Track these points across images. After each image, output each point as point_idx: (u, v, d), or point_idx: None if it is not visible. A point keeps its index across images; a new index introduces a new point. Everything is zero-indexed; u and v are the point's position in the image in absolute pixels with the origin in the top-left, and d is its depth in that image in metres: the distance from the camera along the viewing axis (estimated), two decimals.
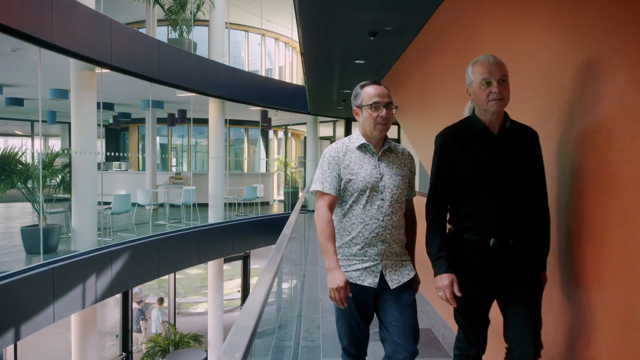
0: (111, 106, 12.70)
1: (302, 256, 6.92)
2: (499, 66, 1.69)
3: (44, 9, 5.53)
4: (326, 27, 4.88)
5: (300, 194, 13.73)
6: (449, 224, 1.85)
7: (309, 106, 12.19)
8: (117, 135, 17.46)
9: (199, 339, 10.37)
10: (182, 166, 17.78)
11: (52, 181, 7.18)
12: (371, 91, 1.86)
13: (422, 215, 1.96)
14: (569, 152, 1.78)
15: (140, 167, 16.56)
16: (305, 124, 14.61)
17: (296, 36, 6.71)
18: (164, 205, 11.36)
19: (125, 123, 15.77)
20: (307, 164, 14.46)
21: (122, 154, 16.46)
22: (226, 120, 11.21)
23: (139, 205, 9.87)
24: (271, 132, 18.14)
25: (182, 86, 9.12)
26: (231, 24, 14.06)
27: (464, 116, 1.86)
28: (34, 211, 6.82)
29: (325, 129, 15.79)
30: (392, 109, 1.87)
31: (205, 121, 11.26)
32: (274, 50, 17.05)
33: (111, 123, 14.85)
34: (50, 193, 7.26)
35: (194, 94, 9.97)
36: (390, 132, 1.98)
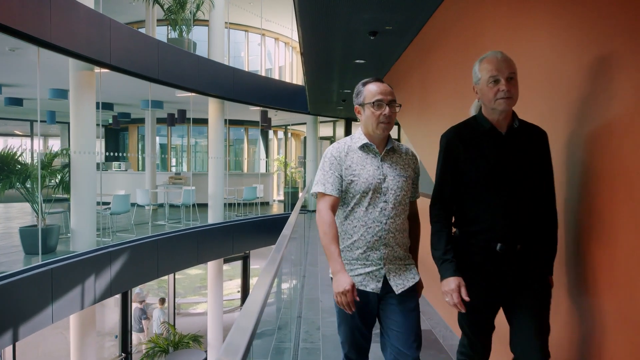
0: (111, 106, 12.69)
1: (302, 257, 6.90)
2: (508, 63, 1.63)
3: (42, 8, 5.51)
4: (326, 26, 4.86)
5: (300, 194, 13.71)
6: (453, 228, 1.79)
7: (309, 106, 12.18)
8: (117, 135, 17.45)
9: (198, 340, 10.35)
10: (182, 166, 17.77)
11: (51, 181, 7.16)
12: (374, 89, 1.79)
13: (424, 217, 1.92)
14: (577, 153, 1.73)
15: (140, 167, 16.55)
16: (305, 124, 14.59)
17: (296, 36, 6.70)
18: (163, 206, 11.35)
19: (125, 123, 15.76)
20: (307, 164, 14.44)
21: (122, 154, 16.44)
22: (226, 120, 11.20)
23: (138, 206, 9.85)
24: (271, 132, 18.13)
25: (181, 86, 9.11)
26: (231, 23, 14.04)
27: (469, 115, 1.80)
28: (33, 211, 6.80)
29: (325, 129, 15.77)
30: (395, 107, 1.80)
31: (205, 121, 11.25)
32: (273, 50, 17.03)
33: (111, 123, 14.84)
34: (49, 193, 7.24)
35: (193, 94, 9.96)
36: (391, 132, 1.91)
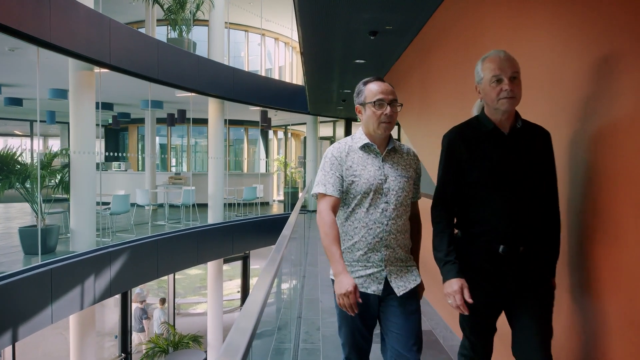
0: (110, 106, 12.67)
1: (302, 257, 6.89)
2: (511, 62, 1.60)
3: (42, 8, 5.50)
4: (326, 26, 4.85)
5: (300, 194, 13.70)
6: (455, 229, 1.77)
7: (309, 106, 12.17)
8: (117, 135, 17.44)
9: (198, 340, 10.34)
10: (182, 166, 17.76)
11: (51, 181, 7.15)
12: (375, 88, 1.77)
13: (425, 217, 1.90)
14: (581, 153, 1.71)
15: (140, 167, 16.54)
16: (305, 124, 14.59)
17: (296, 36, 6.69)
18: (163, 206, 11.33)
19: (125, 123, 15.75)
20: (307, 164, 14.43)
21: (122, 154, 16.43)
22: (226, 120, 11.19)
23: (138, 206, 9.84)
24: (271, 132, 18.12)
25: (181, 86, 9.09)
26: (231, 23, 14.03)
27: (471, 115, 1.78)
28: (33, 212, 6.79)
29: (325, 129, 15.76)
30: (396, 106, 1.78)
31: (204, 121, 11.24)
32: (273, 50, 17.02)
33: (110, 123, 14.82)
34: (48, 193, 7.23)
35: (193, 94, 9.94)
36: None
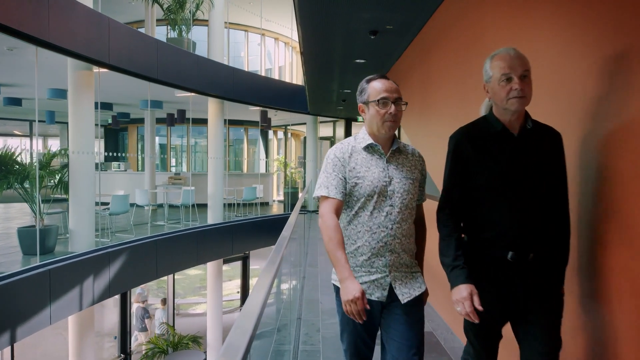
0: (110, 106, 12.65)
1: (302, 257, 6.87)
2: (521, 60, 1.54)
3: (40, 7, 5.47)
4: (326, 26, 4.83)
5: (300, 194, 13.67)
6: (462, 234, 1.71)
7: (309, 106, 12.15)
8: (116, 135, 17.41)
9: (197, 341, 10.31)
10: (182, 166, 17.73)
11: (50, 182, 7.12)
12: (378, 86, 1.71)
13: (429, 220, 1.86)
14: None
15: (140, 168, 16.51)
16: (305, 124, 14.57)
17: (296, 36, 6.67)
18: (162, 206, 11.31)
19: (124, 123, 15.73)
20: (307, 164, 14.41)
21: (121, 154, 16.40)
22: (225, 120, 11.16)
23: (137, 206, 9.81)
24: (271, 132, 18.11)
25: (181, 86, 9.07)
26: (230, 23, 14.02)
27: (477, 115, 1.72)
28: (32, 212, 6.77)
29: (325, 129, 15.74)
30: (401, 105, 1.71)
31: (204, 121, 11.22)
32: (273, 50, 17.00)
33: (110, 123, 14.80)
34: (47, 193, 7.20)
35: (193, 94, 9.92)
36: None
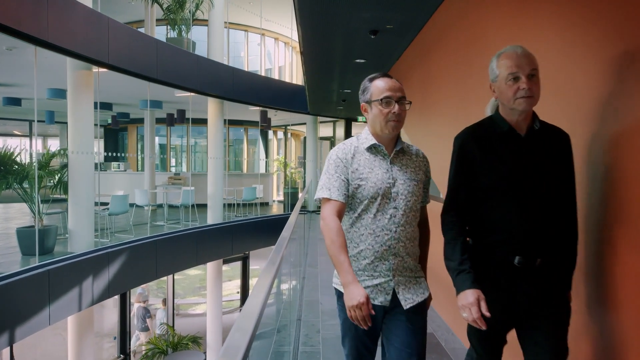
0: (110, 106, 12.63)
1: (302, 258, 6.85)
2: (529, 59, 1.50)
3: (40, 7, 5.46)
4: (326, 25, 4.81)
5: (300, 194, 13.66)
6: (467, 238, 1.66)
7: (309, 106, 12.13)
8: (116, 135, 17.39)
9: (197, 341, 10.29)
10: (181, 166, 17.71)
11: (50, 182, 7.10)
12: (381, 85, 1.67)
13: (432, 222, 1.82)
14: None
15: (139, 168, 16.49)
16: (305, 124, 14.55)
17: (296, 36, 6.66)
18: (162, 206, 11.29)
19: (124, 123, 15.71)
20: (306, 164, 14.39)
21: (121, 154, 16.38)
22: (225, 120, 11.15)
23: (137, 206, 9.80)
24: (271, 133, 18.09)
25: (180, 86, 9.05)
26: (230, 23, 14.00)
27: (482, 115, 1.69)
28: (31, 212, 6.75)
29: (325, 129, 15.73)
30: (405, 104, 1.68)
31: (204, 121, 11.20)
32: (273, 50, 16.99)
33: (110, 123, 14.78)
34: (47, 194, 7.19)
35: (192, 94, 9.90)
36: None
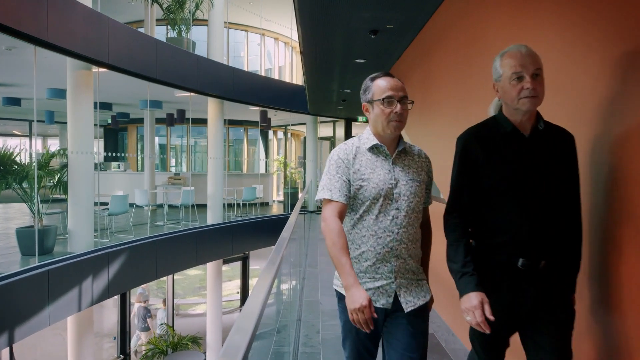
0: (109, 106, 12.62)
1: (302, 258, 6.84)
2: (533, 58, 1.48)
3: (39, 6, 5.45)
4: (326, 25, 4.80)
5: (300, 194, 13.65)
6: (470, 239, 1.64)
7: (309, 106, 12.12)
8: (116, 135, 17.38)
9: (197, 341, 10.28)
10: (181, 166, 17.70)
11: (50, 182, 7.09)
12: (383, 84, 1.66)
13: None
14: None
15: (139, 168, 16.47)
16: (305, 124, 14.54)
17: (296, 36, 6.65)
18: (162, 206, 11.28)
19: (124, 123, 15.70)
20: (306, 164, 14.38)
21: (121, 154, 16.37)
22: (225, 120, 11.14)
23: (137, 206, 9.78)
24: (271, 133, 18.08)
25: (180, 86, 9.04)
26: (230, 23, 13.98)
27: (483, 116, 1.67)
28: (31, 212, 6.74)
29: (325, 129, 15.72)
30: (407, 104, 1.66)
31: (204, 121, 11.19)
32: (273, 50, 16.98)
33: (110, 123, 14.77)
34: (46, 194, 7.17)
35: (192, 94, 9.89)
36: None
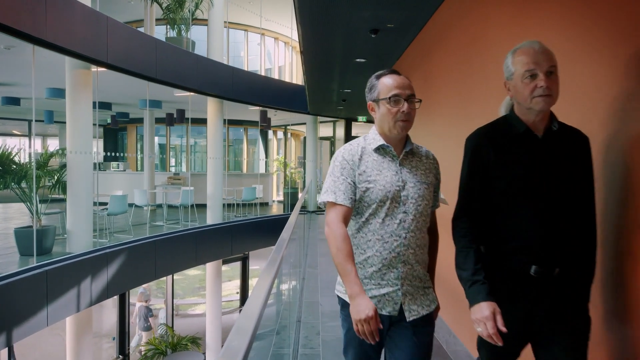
0: (109, 106, 12.60)
1: (302, 258, 6.81)
2: (547, 55, 1.40)
3: (38, 5, 5.42)
4: (326, 24, 4.78)
5: (300, 194, 13.63)
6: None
7: (309, 106, 12.10)
8: (115, 135, 17.36)
9: (196, 342, 10.25)
10: (181, 166, 17.67)
11: (49, 181, 7.06)
12: (389, 82, 1.58)
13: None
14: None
15: (139, 168, 16.45)
16: (304, 124, 14.52)
17: (296, 35, 6.63)
18: (161, 206, 11.26)
19: (124, 123, 15.67)
20: (306, 164, 14.35)
21: (120, 154, 16.34)
22: (225, 120, 11.11)
23: (136, 206, 9.76)
24: (270, 132, 18.06)
25: (180, 85, 9.01)
26: (230, 23, 13.95)
27: (499, 115, 1.58)
28: (30, 212, 6.71)
29: (325, 129, 15.70)
30: (415, 102, 1.59)
31: (204, 121, 11.16)
32: (273, 50, 16.96)
33: (109, 123, 14.74)
34: (45, 194, 7.15)
35: (192, 94, 9.86)
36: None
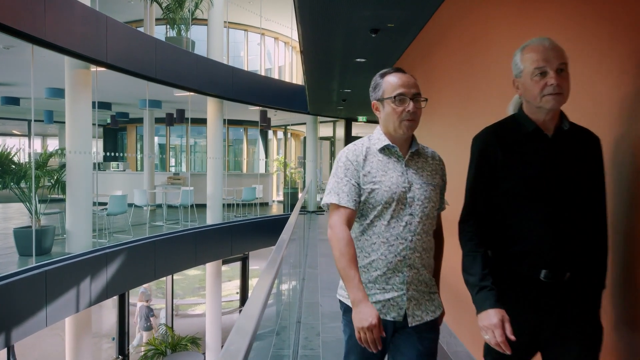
0: (109, 105, 12.58)
1: (302, 259, 6.79)
2: (557, 52, 1.35)
3: (37, 5, 5.41)
4: (326, 24, 4.76)
5: (300, 194, 13.61)
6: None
7: (309, 106, 12.09)
8: (115, 135, 17.34)
9: (196, 342, 10.23)
10: (181, 166, 17.66)
11: (49, 181, 7.05)
12: (394, 81, 1.54)
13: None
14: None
15: (139, 168, 16.43)
16: (305, 124, 14.50)
17: (296, 35, 6.62)
18: (161, 206, 11.24)
19: (123, 123, 15.65)
20: (306, 164, 14.34)
21: (120, 154, 16.32)
22: (225, 120, 11.09)
23: (136, 206, 9.74)
24: (270, 132, 18.05)
25: (180, 85, 9.00)
26: (230, 23, 13.94)
27: (507, 114, 1.54)
28: (29, 212, 6.69)
29: (325, 129, 15.69)
30: (420, 101, 1.55)
31: (203, 121, 11.15)
32: (273, 50, 16.94)
33: (109, 123, 14.72)
34: (45, 194, 7.13)
35: (192, 94, 9.85)
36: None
